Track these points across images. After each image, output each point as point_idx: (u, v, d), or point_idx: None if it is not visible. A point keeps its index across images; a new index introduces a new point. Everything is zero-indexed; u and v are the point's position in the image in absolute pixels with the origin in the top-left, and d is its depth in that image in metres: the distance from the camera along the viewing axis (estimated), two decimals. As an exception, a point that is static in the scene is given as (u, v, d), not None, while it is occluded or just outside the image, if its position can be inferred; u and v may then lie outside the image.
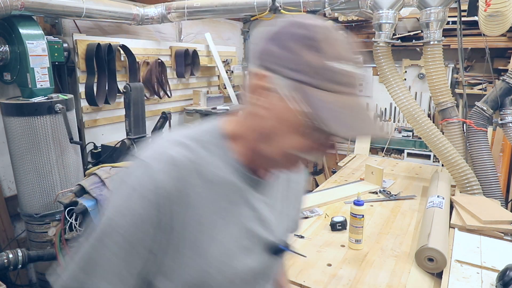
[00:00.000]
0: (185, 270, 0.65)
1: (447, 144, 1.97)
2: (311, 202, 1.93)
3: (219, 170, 0.66)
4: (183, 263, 0.65)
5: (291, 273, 1.32)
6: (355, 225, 1.47)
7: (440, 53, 1.99)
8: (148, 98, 3.33)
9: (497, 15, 1.69)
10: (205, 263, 0.65)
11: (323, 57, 0.58)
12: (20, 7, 2.10)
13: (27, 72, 2.19)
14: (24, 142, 2.17)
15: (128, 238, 0.62)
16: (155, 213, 0.60)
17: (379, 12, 2.04)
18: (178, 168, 0.62)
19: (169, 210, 0.61)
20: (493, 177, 1.98)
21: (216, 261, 0.66)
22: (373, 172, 2.20)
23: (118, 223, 0.62)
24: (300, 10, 2.65)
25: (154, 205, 0.60)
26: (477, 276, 1.24)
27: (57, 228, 1.96)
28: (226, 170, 0.67)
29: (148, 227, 0.61)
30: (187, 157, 0.63)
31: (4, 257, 1.77)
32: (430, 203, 1.68)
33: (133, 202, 0.61)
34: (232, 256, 0.68)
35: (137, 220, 0.61)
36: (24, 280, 2.65)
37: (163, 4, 3.11)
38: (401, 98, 2.05)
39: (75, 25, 2.93)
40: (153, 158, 0.63)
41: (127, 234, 0.61)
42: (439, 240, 1.34)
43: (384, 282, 1.28)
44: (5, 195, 2.60)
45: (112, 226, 0.63)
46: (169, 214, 0.61)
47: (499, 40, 3.27)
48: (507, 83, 2.00)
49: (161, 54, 3.44)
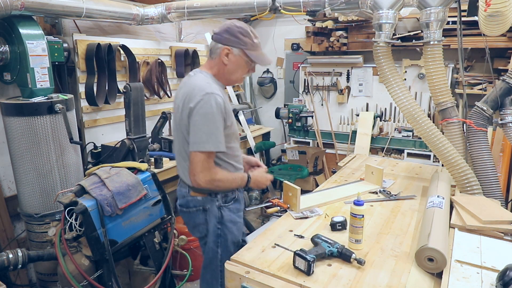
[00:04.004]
0: (232, 122, 1.74)
1: (447, 144, 1.97)
2: (311, 202, 1.93)
3: (220, 87, 1.76)
4: (231, 120, 1.73)
5: (291, 274, 1.32)
6: (355, 225, 1.47)
7: (440, 53, 1.99)
8: (148, 98, 3.33)
9: (497, 15, 1.69)
10: (232, 118, 1.74)
11: (249, 38, 1.70)
12: (20, 7, 2.10)
13: (27, 72, 2.19)
14: (24, 142, 2.18)
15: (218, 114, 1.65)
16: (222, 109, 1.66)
17: (379, 12, 2.04)
18: (218, 92, 1.67)
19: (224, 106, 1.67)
20: (493, 177, 1.98)
21: (233, 127, 1.77)
22: (373, 172, 2.20)
23: (210, 110, 1.62)
24: (300, 10, 2.65)
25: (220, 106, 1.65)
26: (477, 276, 1.24)
27: (57, 228, 1.96)
28: (221, 87, 1.78)
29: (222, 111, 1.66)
30: (216, 87, 1.68)
31: (4, 257, 1.77)
32: (430, 203, 1.68)
33: (212, 105, 1.62)
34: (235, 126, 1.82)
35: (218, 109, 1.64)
36: (24, 280, 2.66)
37: (163, 4, 3.11)
38: (401, 98, 2.05)
39: (75, 25, 2.94)
40: (213, 91, 1.64)
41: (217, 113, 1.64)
42: (439, 240, 1.34)
43: (384, 282, 1.28)
44: (5, 195, 2.60)
45: (209, 113, 1.62)
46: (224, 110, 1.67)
47: (499, 40, 3.27)
48: (507, 83, 2.00)
49: (161, 54, 3.44)
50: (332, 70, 4.37)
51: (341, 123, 4.45)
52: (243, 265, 1.40)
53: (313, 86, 4.53)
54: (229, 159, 1.78)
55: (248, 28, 1.72)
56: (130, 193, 1.98)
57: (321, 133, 4.50)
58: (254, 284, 1.31)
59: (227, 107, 1.69)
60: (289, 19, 4.05)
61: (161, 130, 3.17)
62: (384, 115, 4.17)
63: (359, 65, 4.21)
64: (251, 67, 1.77)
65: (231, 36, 1.67)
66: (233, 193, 1.83)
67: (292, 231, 1.65)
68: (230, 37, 1.67)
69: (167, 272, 2.30)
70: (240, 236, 1.90)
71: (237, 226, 1.87)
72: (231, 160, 1.79)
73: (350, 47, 4.15)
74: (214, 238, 1.82)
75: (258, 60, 1.73)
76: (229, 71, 1.74)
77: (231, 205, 1.83)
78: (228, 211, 1.81)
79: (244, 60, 1.72)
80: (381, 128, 4.18)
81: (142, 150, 2.60)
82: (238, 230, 1.87)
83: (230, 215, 1.82)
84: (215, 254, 1.83)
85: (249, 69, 1.78)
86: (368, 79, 4.22)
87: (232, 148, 1.78)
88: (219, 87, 1.72)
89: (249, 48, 1.70)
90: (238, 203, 1.88)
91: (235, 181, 1.76)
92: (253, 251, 1.49)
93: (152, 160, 2.84)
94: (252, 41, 1.71)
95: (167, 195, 2.25)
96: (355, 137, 4.09)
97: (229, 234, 1.82)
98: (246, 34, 1.69)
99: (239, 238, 1.90)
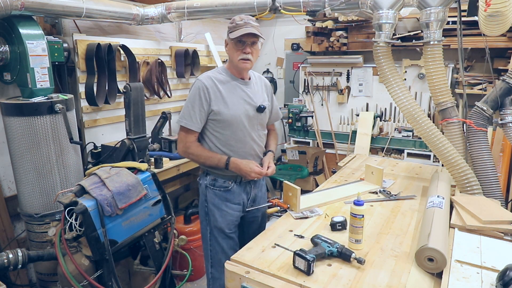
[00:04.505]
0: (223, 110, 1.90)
1: (447, 144, 1.97)
2: (311, 202, 1.93)
3: (224, 78, 1.96)
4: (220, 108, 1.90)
5: (291, 274, 1.32)
6: (355, 225, 1.47)
7: (440, 53, 1.99)
8: (148, 98, 3.33)
9: (497, 15, 1.69)
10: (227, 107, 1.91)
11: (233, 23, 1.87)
12: (20, 7, 2.10)
13: (27, 72, 2.19)
14: (24, 142, 2.17)
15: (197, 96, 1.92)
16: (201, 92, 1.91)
17: (379, 12, 2.04)
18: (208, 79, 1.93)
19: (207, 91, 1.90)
20: (493, 177, 1.98)
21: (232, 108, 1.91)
22: (373, 172, 2.20)
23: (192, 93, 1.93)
24: (300, 10, 2.65)
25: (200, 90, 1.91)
26: (477, 276, 1.24)
27: (57, 228, 1.97)
28: (228, 78, 1.96)
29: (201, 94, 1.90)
30: (209, 76, 1.94)
31: (4, 257, 1.77)
32: (430, 203, 1.68)
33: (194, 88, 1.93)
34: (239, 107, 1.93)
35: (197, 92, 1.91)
36: (24, 280, 2.66)
37: (163, 4, 3.11)
38: (401, 98, 2.05)
39: (75, 25, 2.93)
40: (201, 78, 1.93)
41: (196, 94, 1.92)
42: (439, 240, 1.34)
43: (384, 282, 1.28)
44: (5, 195, 2.60)
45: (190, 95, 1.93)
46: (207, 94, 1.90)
47: (499, 40, 3.27)
48: (507, 83, 2.00)
49: (161, 54, 3.44)
50: (332, 70, 4.37)
51: (341, 123, 4.45)
52: (243, 265, 1.40)
53: (313, 86, 4.53)
54: (222, 145, 1.94)
55: (237, 16, 1.90)
56: (130, 193, 1.98)
57: (321, 133, 4.50)
58: (254, 284, 1.31)
59: (212, 92, 1.90)
60: (289, 19, 4.04)
61: (161, 130, 3.17)
62: (384, 115, 4.16)
63: (359, 65, 4.21)
64: (239, 47, 1.88)
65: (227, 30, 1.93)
66: (225, 182, 1.98)
67: (292, 231, 1.65)
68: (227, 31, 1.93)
69: (167, 272, 2.30)
70: (224, 226, 2.00)
71: (221, 213, 1.99)
72: (224, 148, 1.94)
73: (350, 47, 4.15)
74: (204, 214, 2.05)
75: (233, 36, 1.84)
76: (230, 58, 1.96)
77: (218, 190, 1.98)
78: (213, 194, 2.00)
79: (232, 43, 1.89)
80: (381, 128, 4.18)
81: (142, 150, 2.60)
82: (221, 217, 1.99)
83: (214, 198, 1.99)
84: (205, 232, 2.05)
85: (239, 50, 1.88)
86: (368, 79, 4.22)
87: (224, 135, 1.94)
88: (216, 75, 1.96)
89: (231, 30, 1.87)
90: (230, 194, 1.99)
91: (210, 159, 1.93)
92: (253, 251, 1.49)
93: (152, 160, 2.84)
94: (235, 24, 1.87)
95: (167, 195, 2.25)
96: (355, 137, 4.09)
97: (211, 216, 2.00)
98: (232, 21, 1.89)
99: (222, 227, 2.00)
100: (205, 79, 1.92)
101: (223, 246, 2.00)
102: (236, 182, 1.99)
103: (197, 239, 3.02)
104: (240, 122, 1.93)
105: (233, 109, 1.91)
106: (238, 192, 2.00)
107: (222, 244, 2.00)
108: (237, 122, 1.92)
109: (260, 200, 2.13)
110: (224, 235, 2.00)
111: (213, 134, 1.95)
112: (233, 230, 2.04)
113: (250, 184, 2.06)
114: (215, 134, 1.95)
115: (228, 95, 1.92)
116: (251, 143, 2.00)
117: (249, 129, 1.97)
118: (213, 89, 1.90)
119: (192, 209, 3.15)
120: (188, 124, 1.90)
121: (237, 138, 1.95)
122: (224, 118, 1.90)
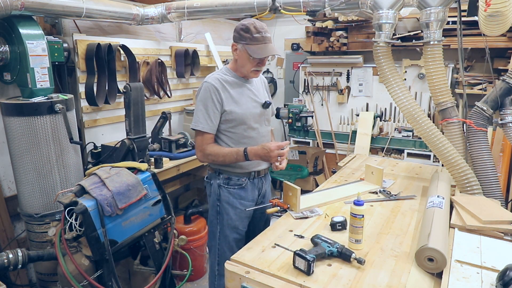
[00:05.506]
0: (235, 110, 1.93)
1: (447, 144, 1.97)
2: (311, 202, 1.94)
3: (230, 78, 1.98)
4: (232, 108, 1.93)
5: (291, 274, 1.32)
6: (355, 225, 1.47)
7: (440, 53, 1.99)
8: (148, 98, 3.33)
9: (497, 15, 1.69)
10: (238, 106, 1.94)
11: (249, 33, 1.85)
12: (20, 7, 2.10)
13: (27, 72, 2.19)
14: (24, 142, 2.17)
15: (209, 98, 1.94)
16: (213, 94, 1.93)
17: (379, 12, 2.04)
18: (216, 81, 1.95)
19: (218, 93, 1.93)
20: (493, 177, 1.98)
21: (243, 107, 1.95)
22: (373, 172, 2.20)
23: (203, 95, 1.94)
24: (300, 10, 2.65)
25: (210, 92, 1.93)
26: (477, 276, 1.24)
27: (57, 228, 1.96)
28: (234, 79, 1.99)
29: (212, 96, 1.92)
30: (217, 77, 1.96)
31: (4, 257, 1.77)
32: (430, 203, 1.68)
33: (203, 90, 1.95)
34: (248, 106, 1.98)
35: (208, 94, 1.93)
36: (24, 280, 2.66)
37: (163, 4, 3.11)
38: (401, 98, 2.05)
39: (75, 25, 2.93)
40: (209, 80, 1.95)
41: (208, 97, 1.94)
42: (439, 240, 1.34)
43: (384, 282, 1.28)
44: (5, 195, 2.60)
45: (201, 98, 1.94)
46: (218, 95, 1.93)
47: (499, 40, 3.27)
48: (507, 83, 2.00)
49: (161, 54, 3.44)
50: (332, 70, 4.37)
51: (341, 123, 4.45)
52: (243, 265, 1.40)
53: (313, 86, 4.53)
54: (234, 144, 1.98)
55: (251, 25, 1.86)
56: (130, 193, 1.98)
57: (321, 133, 4.50)
58: (254, 284, 1.31)
59: (223, 93, 1.93)
60: (289, 19, 4.04)
61: (161, 130, 3.16)
62: (384, 115, 4.17)
63: (359, 65, 4.21)
64: (255, 61, 1.91)
65: (236, 33, 1.91)
66: (239, 180, 2.01)
67: (292, 231, 1.65)
68: (236, 34, 1.91)
69: (167, 272, 2.30)
70: (238, 223, 2.03)
71: (236, 211, 2.01)
72: (236, 146, 1.97)
73: (350, 47, 4.15)
74: (214, 214, 2.05)
75: (255, 53, 1.86)
76: (240, 64, 1.96)
77: (233, 189, 2.01)
78: (227, 193, 2.01)
79: (247, 54, 1.89)
80: (381, 128, 4.18)
81: (142, 150, 2.60)
82: (236, 215, 2.02)
83: (228, 196, 2.00)
84: (215, 230, 2.06)
85: (256, 63, 1.92)
86: (368, 79, 4.22)
87: (236, 133, 1.98)
88: (222, 76, 1.97)
89: (248, 43, 1.86)
90: (244, 191, 2.03)
91: (228, 155, 1.92)
92: (253, 251, 1.49)
93: (152, 160, 2.84)
94: (252, 36, 1.85)
95: (167, 195, 2.25)
96: (355, 137, 4.09)
97: (225, 214, 2.01)
98: (246, 30, 1.86)
99: (236, 224, 2.03)
100: (213, 80, 1.94)
101: (232, 245, 2.03)
102: (249, 178, 2.04)
103: (197, 239, 3.02)
104: (250, 120, 1.99)
105: (243, 108, 1.96)
106: (251, 188, 2.05)
107: (231, 243, 2.03)
108: (248, 120, 1.98)
109: (269, 195, 2.20)
110: (236, 233, 2.04)
111: (224, 134, 1.99)
112: (246, 227, 2.09)
113: (261, 179, 2.11)
114: (226, 134, 1.98)
115: (237, 95, 1.97)
116: (261, 139, 2.05)
117: (258, 125, 2.03)
118: (223, 90, 1.94)
119: (192, 209, 3.15)
120: (205, 128, 1.92)
121: (248, 135, 2.00)
122: (235, 117, 1.95)
